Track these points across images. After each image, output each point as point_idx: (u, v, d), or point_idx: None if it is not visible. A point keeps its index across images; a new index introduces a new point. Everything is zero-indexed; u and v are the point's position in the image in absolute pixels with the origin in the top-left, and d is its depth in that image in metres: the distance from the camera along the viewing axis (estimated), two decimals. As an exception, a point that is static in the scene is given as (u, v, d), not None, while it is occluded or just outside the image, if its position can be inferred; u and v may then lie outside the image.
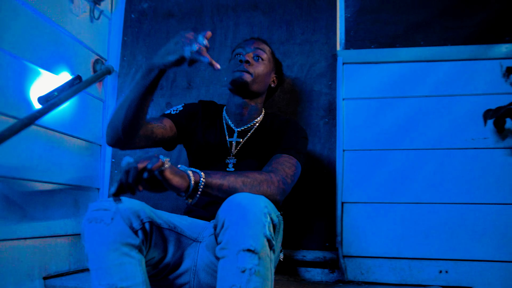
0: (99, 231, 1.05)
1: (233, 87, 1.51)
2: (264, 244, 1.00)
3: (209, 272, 1.24)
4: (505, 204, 1.72)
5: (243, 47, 1.57)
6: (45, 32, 1.75)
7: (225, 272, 1.01)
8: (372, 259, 1.80)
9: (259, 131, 1.56)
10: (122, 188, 0.98)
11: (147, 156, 0.99)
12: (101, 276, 1.03)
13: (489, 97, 1.75)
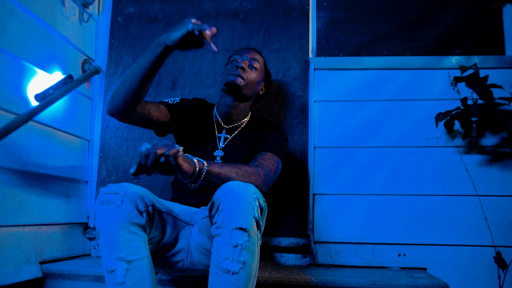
0: (110, 211, 1.21)
1: (227, 88, 1.68)
2: (253, 224, 1.19)
3: (200, 251, 1.42)
4: (455, 195, 1.97)
5: (240, 55, 1.74)
6: (40, 34, 1.87)
7: (219, 247, 1.19)
8: (340, 244, 2.01)
9: (245, 130, 1.75)
10: (141, 169, 1.14)
11: (164, 143, 1.16)
12: (112, 250, 1.18)
13: (441, 102, 2.00)
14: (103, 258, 1.20)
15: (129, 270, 1.17)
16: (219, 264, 1.17)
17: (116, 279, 1.16)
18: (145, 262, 1.22)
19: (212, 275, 1.20)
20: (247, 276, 1.17)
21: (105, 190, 1.26)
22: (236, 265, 1.16)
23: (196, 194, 1.64)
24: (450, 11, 2.15)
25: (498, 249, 1.79)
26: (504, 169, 1.96)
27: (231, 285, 1.16)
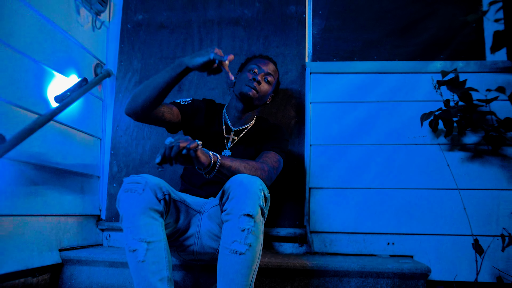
0: (133, 198, 1.38)
1: (240, 97, 1.84)
2: (258, 212, 1.37)
3: (209, 236, 1.60)
4: (438, 189, 2.14)
5: (258, 66, 1.87)
6: (58, 40, 2.04)
7: (228, 231, 1.37)
8: (334, 234, 2.19)
9: (251, 132, 1.92)
10: (165, 159, 1.31)
11: (185, 138, 1.34)
12: (134, 232, 1.35)
13: (426, 103, 2.17)
14: (125, 239, 1.37)
15: (148, 250, 1.34)
16: (228, 246, 1.35)
17: (137, 258, 1.33)
18: (162, 244, 1.39)
19: (221, 256, 1.37)
20: (252, 257, 1.35)
21: (128, 180, 1.43)
22: (243, 246, 1.33)
23: (204, 187, 1.81)
24: (435, 19, 2.33)
25: (476, 237, 1.97)
26: (484, 165, 2.14)
27: (238, 264, 1.33)
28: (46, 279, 1.92)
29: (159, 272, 1.35)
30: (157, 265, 1.35)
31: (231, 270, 1.34)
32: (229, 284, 1.34)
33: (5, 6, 1.68)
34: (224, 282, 1.35)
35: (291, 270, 1.83)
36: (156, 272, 1.34)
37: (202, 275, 1.86)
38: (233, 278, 1.34)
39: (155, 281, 1.33)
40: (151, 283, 1.33)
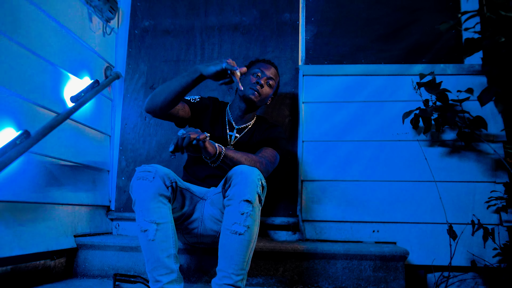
0: (144, 185, 1.59)
1: (243, 98, 2.04)
2: (256, 198, 1.58)
3: (211, 220, 1.81)
4: (420, 181, 2.35)
5: (261, 70, 2.06)
6: (73, 45, 2.25)
7: (229, 214, 1.57)
8: (324, 222, 2.39)
9: (251, 130, 2.12)
10: (177, 148, 1.52)
11: (195, 130, 1.55)
12: (145, 215, 1.56)
13: (409, 103, 2.37)
14: (137, 221, 1.58)
15: (158, 230, 1.55)
16: (229, 227, 1.56)
17: (148, 237, 1.54)
18: (169, 225, 1.60)
19: (222, 236, 1.58)
20: (250, 237, 1.56)
21: (140, 169, 1.63)
22: (242, 228, 1.54)
23: (206, 180, 2.01)
24: (418, 26, 2.53)
25: (451, 224, 2.17)
26: (462, 159, 2.34)
27: (237, 243, 1.54)
28: (62, 262, 2.13)
29: (166, 250, 1.56)
30: (165, 244, 1.56)
31: (231, 248, 1.55)
32: (229, 261, 1.55)
33: (30, 16, 1.89)
34: (224, 259, 1.56)
35: (283, 253, 2.04)
36: (164, 249, 1.55)
37: (204, 258, 2.07)
38: (232, 255, 1.55)
39: (163, 257, 1.54)
40: (159, 259, 1.53)
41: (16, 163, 1.68)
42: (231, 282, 1.53)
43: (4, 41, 1.73)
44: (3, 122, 1.72)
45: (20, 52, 1.83)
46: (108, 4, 2.50)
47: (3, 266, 1.73)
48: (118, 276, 1.96)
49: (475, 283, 2.26)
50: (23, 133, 1.75)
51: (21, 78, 1.83)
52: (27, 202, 1.86)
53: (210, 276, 2.03)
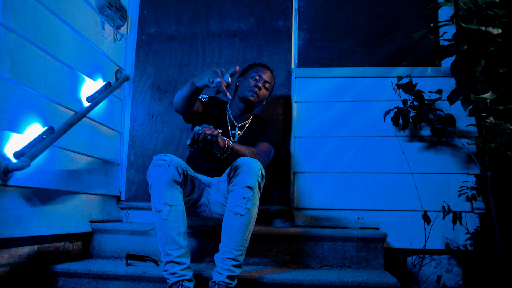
0: (160, 172, 1.84)
1: (243, 99, 2.32)
2: (256, 185, 1.85)
3: (216, 204, 2.10)
4: (400, 173, 2.60)
5: (259, 74, 2.34)
6: (88, 50, 2.50)
7: (233, 198, 1.85)
8: (314, 210, 2.65)
9: (250, 127, 2.40)
10: (193, 142, 1.77)
11: (209, 127, 1.80)
12: (160, 197, 1.82)
13: (390, 102, 2.62)
14: (153, 202, 1.84)
15: (170, 211, 1.81)
16: (232, 209, 1.83)
17: (162, 216, 1.80)
18: (180, 207, 1.86)
19: (226, 217, 1.85)
20: (249, 218, 1.83)
21: (157, 158, 1.89)
22: (244, 210, 1.81)
23: (209, 172, 2.26)
24: (400, 32, 2.78)
25: (426, 211, 2.41)
26: (437, 153, 2.60)
27: (238, 223, 1.81)
28: (79, 245, 2.39)
29: (177, 228, 1.82)
30: (176, 223, 1.82)
31: (233, 227, 1.82)
32: (231, 238, 1.81)
33: (53, 26, 2.15)
34: (227, 236, 1.83)
35: (276, 236, 2.30)
36: (175, 228, 1.81)
37: (206, 241, 2.33)
38: (234, 233, 1.81)
39: (174, 234, 1.80)
40: (171, 235, 1.80)
41: (42, 155, 1.93)
42: (232, 256, 1.79)
43: (33, 50, 1.99)
44: (32, 118, 1.98)
45: (45, 58, 2.09)
46: (119, 13, 2.76)
47: (32, 245, 1.99)
48: (130, 256, 2.22)
49: (449, 264, 2.51)
50: (48, 129, 2.00)
51: (46, 80, 2.09)
52: (51, 189, 2.12)
53: (211, 257, 2.29)
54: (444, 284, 2.51)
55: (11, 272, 1.86)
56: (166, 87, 2.92)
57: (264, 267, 2.25)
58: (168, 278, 1.78)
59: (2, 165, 1.75)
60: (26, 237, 1.95)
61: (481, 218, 2.50)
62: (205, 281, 1.90)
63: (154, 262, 2.23)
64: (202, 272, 1.96)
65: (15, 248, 1.89)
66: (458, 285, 2.48)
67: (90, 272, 2.06)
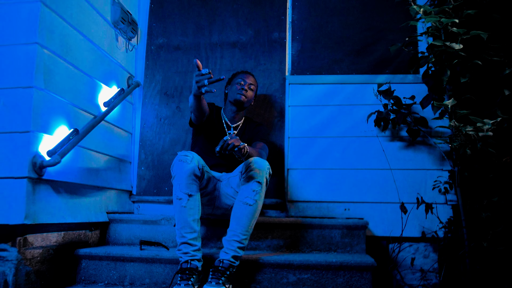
0: (183, 166, 2.16)
1: (234, 101, 2.65)
2: (264, 181, 2.18)
3: (225, 196, 2.43)
4: (382, 169, 2.91)
5: (243, 79, 2.67)
6: (104, 60, 2.82)
7: (244, 191, 2.17)
8: (305, 202, 2.97)
9: (242, 127, 2.74)
10: (221, 149, 2.06)
11: (235, 138, 2.09)
12: (181, 187, 2.13)
13: (374, 106, 2.92)
14: (174, 191, 2.15)
15: (189, 200, 2.13)
16: (242, 200, 2.15)
17: (181, 204, 2.12)
18: (197, 197, 2.18)
19: (236, 206, 2.18)
20: (256, 208, 2.16)
21: (181, 153, 2.21)
22: (252, 201, 2.14)
23: (213, 168, 2.57)
24: (383, 43, 3.09)
25: (403, 202, 2.73)
26: (416, 151, 2.91)
27: (247, 212, 2.14)
28: (97, 233, 2.71)
29: (193, 215, 2.14)
30: (192, 211, 2.14)
31: (242, 215, 2.15)
32: (238, 223, 2.14)
33: (75, 41, 2.47)
34: (235, 222, 2.15)
35: (271, 224, 2.62)
36: (191, 214, 2.13)
37: (212, 228, 2.65)
38: (242, 220, 2.14)
39: (190, 220, 2.12)
40: (187, 220, 2.12)
41: (69, 153, 2.25)
42: (238, 239, 2.11)
43: (61, 62, 2.32)
44: (60, 121, 2.30)
45: (70, 69, 2.41)
46: (131, 26, 3.08)
47: (59, 231, 2.32)
48: (144, 242, 2.53)
49: (425, 250, 2.83)
50: (74, 131, 2.33)
51: (70, 88, 2.41)
52: (76, 183, 2.45)
53: (215, 243, 2.61)
54: (421, 268, 2.82)
55: (43, 254, 2.18)
56: (173, 92, 3.24)
57: (260, 251, 2.57)
58: (180, 256, 2.10)
59: (38, 162, 2.07)
60: (55, 223, 2.27)
61: (454, 209, 2.81)
62: (210, 262, 2.22)
63: (164, 247, 2.55)
64: (207, 254, 2.28)
65: (47, 233, 2.21)
66: (434, 268, 2.80)
67: (109, 255, 2.38)
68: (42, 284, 2.16)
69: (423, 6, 2.42)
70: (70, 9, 2.41)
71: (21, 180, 2.02)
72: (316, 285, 2.21)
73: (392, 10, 3.08)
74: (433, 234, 2.77)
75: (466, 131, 2.10)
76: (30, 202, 2.04)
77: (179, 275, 2.04)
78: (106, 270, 2.38)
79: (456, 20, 2.24)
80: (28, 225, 2.04)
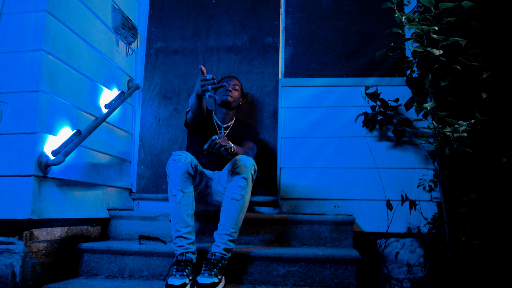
0: (177, 164, 2.30)
1: (222, 103, 2.82)
2: (250, 177, 2.32)
3: (217, 193, 2.58)
4: (370, 168, 3.05)
5: (227, 82, 2.86)
6: (105, 64, 2.97)
7: (231, 187, 2.31)
8: (297, 200, 3.11)
9: (233, 128, 2.90)
10: (209, 147, 2.21)
11: (223, 138, 2.24)
12: (176, 184, 2.27)
13: (362, 107, 3.06)
14: (170, 188, 2.29)
15: (183, 196, 2.27)
16: (230, 195, 2.29)
17: (176, 200, 2.26)
18: (190, 194, 2.32)
19: (224, 202, 2.31)
20: (243, 203, 2.29)
21: (176, 153, 2.35)
22: (239, 196, 2.28)
23: (207, 165, 2.72)
24: (372, 47, 3.23)
25: (389, 199, 2.87)
26: (403, 150, 3.05)
27: (234, 206, 2.27)
28: (98, 229, 2.86)
29: (186, 210, 2.28)
30: (186, 206, 2.28)
31: (230, 210, 2.28)
32: (227, 217, 2.28)
33: (78, 46, 2.61)
34: (225, 217, 2.29)
35: (263, 220, 2.76)
36: (185, 210, 2.27)
37: (206, 224, 2.79)
38: (230, 214, 2.28)
39: (184, 215, 2.26)
40: (181, 216, 2.26)
41: (72, 153, 2.40)
42: (228, 232, 2.25)
43: (65, 67, 2.47)
44: (63, 122, 2.45)
45: (73, 73, 2.56)
46: (131, 31, 3.23)
47: (63, 226, 2.46)
48: (142, 236, 2.68)
49: (411, 245, 2.97)
50: (77, 132, 2.47)
51: (73, 91, 2.56)
52: (79, 181, 2.59)
53: (209, 237, 2.75)
54: (408, 262, 2.96)
55: (48, 247, 2.33)
56: (171, 95, 3.39)
57: (253, 245, 2.71)
58: (176, 249, 2.25)
59: (43, 161, 2.22)
60: (59, 219, 2.42)
61: (438, 206, 2.94)
62: (204, 256, 2.36)
63: (162, 241, 2.70)
64: (202, 248, 2.42)
65: (51, 228, 2.36)
66: (419, 262, 2.93)
67: (110, 249, 2.53)
68: (47, 276, 2.31)
69: (407, 13, 2.56)
70: (74, 17, 2.55)
71: (28, 178, 2.17)
72: (304, 277, 2.35)
73: (381, 16, 3.22)
74: (419, 230, 2.90)
75: (444, 132, 2.24)
76: (36, 199, 2.19)
77: (175, 267, 2.18)
78: (107, 263, 2.52)
79: (435, 28, 2.38)
80: (34, 220, 2.19)
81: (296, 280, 2.35)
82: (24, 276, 2.15)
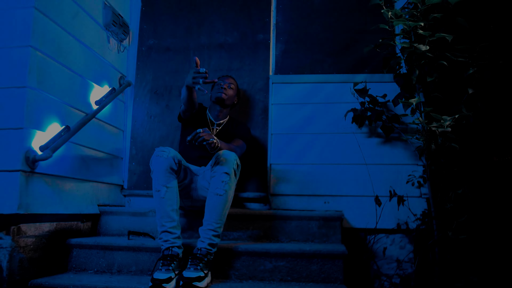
0: (160, 161, 2.32)
1: (216, 100, 2.85)
2: (232, 172, 2.32)
3: (202, 189, 2.58)
4: (360, 164, 3.06)
5: (223, 80, 2.89)
6: (96, 61, 2.98)
7: (214, 182, 2.31)
8: (287, 196, 3.12)
9: (226, 125, 2.91)
10: (192, 139, 2.23)
11: (209, 132, 2.27)
12: (159, 180, 2.29)
13: (352, 104, 3.07)
14: (154, 184, 2.30)
15: (167, 191, 2.29)
16: (213, 191, 2.30)
17: (160, 195, 2.28)
18: (175, 190, 2.33)
19: (208, 198, 2.32)
20: (226, 198, 2.29)
21: (159, 149, 2.37)
22: (222, 191, 2.28)
23: (198, 160, 2.73)
24: (362, 44, 3.23)
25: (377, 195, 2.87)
26: (392, 147, 3.06)
27: (218, 202, 2.28)
28: (89, 225, 2.87)
29: (171, 205, 2.29)
30: (170, 201, 2.30)
31: (214, 205, 2.29)
32: (211, 213, 2.29)
33: (68, 43, 2.63)
34: (209, 212, 2.30)
35: (252, 216, 2.77)
36: (169, 205, 2.29)
37: (195, 220, 2.80)
38: (214, 209, 2.28)
39: (169, 210, 2.28)
40: (166, 211, 2.27)
41: (61, 148, 2.41)
42: (212, 227, 2.27)
43: (54, 64, 2.48)
44: (52, 118, 2.46)
45: (62, 70, 2.57)
46: (122, 28, 3.24)
47: (52, 222, 2.48)
48: (131, 232, 2.70)
49: (401, 241, 2.98)
50: (65, 128, 2.48)
51: (62, 87, 2.57)
52: (67, 177, 2.61)
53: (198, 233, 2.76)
54: (397, 258, 2.97)
55: (36, 242, 2.35)
56: (162, 91, 3.40)
57: (242, 241, 2.72)
58: (162, 244, 2.26)
59: (31, 156, 2.24)
60: (48, 214, 2.43)
61: (428, 202, 2.95)
62: (191, 251, 2.37)
63: (151, 237, 2.71)
64: (190, 244, 2.43)
65: (40, 223, 2.38)
66: (409, 258, 2.94)
67: (98, 244, 2.54)
68: (35, 271, 2.32)
69: (394, 10, 2.57)
70: (63, 13, 2.57)
71: (15, 173, 2.19)
72: (291, 272, 2.36)
73: (370, 13, 3.23)
74: (408, 226, 2.91)
75: (430, 127, 2.25)
76: (23, 194, 2.21)
77: (161, 261, 2.20)
78: (95, 259, 2.53)
79: (422, 24, 2.39)
80: (21, 215, 2.21)
81: (283, 275, 2.36)
82: (11, 271, 2.17)
